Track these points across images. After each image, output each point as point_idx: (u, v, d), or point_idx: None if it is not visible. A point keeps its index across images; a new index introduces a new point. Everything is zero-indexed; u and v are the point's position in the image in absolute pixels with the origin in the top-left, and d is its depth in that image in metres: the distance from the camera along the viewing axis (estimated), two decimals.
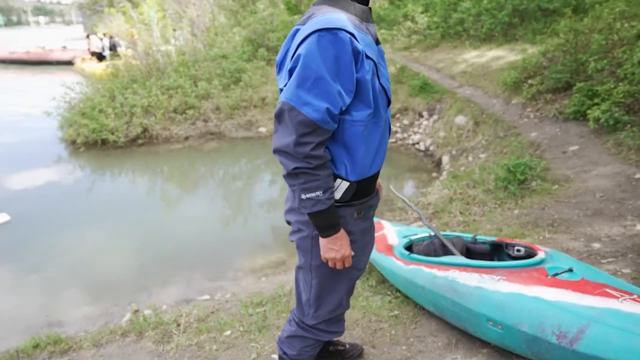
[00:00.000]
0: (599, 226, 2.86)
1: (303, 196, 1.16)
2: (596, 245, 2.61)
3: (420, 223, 3.80)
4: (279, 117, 1.15)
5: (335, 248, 1.24)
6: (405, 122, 7.70)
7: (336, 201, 1.23)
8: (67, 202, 5.61)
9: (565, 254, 1.94)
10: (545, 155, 4.50)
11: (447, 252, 2.23)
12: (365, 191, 1.29)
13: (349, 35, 1.08)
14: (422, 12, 11.31)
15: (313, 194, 1.15)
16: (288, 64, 1.16)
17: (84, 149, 7.34)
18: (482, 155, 5.47)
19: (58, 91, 8.09)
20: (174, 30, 11.34)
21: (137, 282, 3.84)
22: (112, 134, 7.29)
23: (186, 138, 7.96)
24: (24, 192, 5.84)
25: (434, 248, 2.31)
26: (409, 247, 2.41)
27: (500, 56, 8.28)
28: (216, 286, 3.70)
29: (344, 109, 1.14)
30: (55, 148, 7.48)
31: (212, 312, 2.65)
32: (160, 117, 7.81)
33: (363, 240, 1.37)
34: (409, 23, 11.40)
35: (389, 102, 1.29)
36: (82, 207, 5.51)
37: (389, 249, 2.45)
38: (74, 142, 7.36)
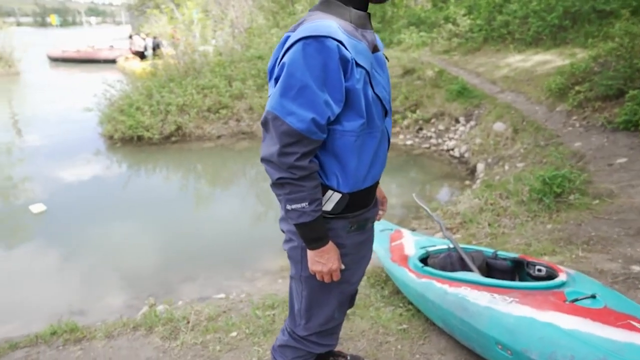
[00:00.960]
0: None
1: (288, 207, 1.12)
2: (636, 268, 2.38)
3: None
4: (264, 126, 1.11)
5: (322, 261, 1.18)
6: (441, 127, 7.46)
7: (328, 213, 1.18)
8: (101, 196, 5.81)
9: (593, 278, 1.76)
10: (588, 167, 4.19)
11: (464, 266, 2.09)
12: (359, 203, 1.22)
13: (336, 43, 1.02)
14: (464, 15, 10.97)
15: (298, 205, 1.10)
16: (276, 72, 1.12)
17: (120, 144, 7.61)
18: (520, 165, 5.19)
19: (101, 88, 8.43)
20: (214, 31, 11.57)
21: (160, 277, 3.90)
22: (147, 130, 7.51)
23: (218, 137, 8.08)
24: (61, 184, 6.10)
25: (451, 261, 2.18)
26: (425, 259, 2.28)
27: (547, 61, 7.86)
28: (234, 285, 3.69)
29: (332, 118, 1.08)
30: (94, 143, 7.79)
31: (224, 312, 2.62)
32: (194, 115, 7.96)
33: (357, 254, 1.30)
34: (450, 26, 11.09)
35: (386, 112, 1.22)
36: (114, 200, 5.69)
37: (404, 259, 2.33)
38: (111, 138, 7.65)
